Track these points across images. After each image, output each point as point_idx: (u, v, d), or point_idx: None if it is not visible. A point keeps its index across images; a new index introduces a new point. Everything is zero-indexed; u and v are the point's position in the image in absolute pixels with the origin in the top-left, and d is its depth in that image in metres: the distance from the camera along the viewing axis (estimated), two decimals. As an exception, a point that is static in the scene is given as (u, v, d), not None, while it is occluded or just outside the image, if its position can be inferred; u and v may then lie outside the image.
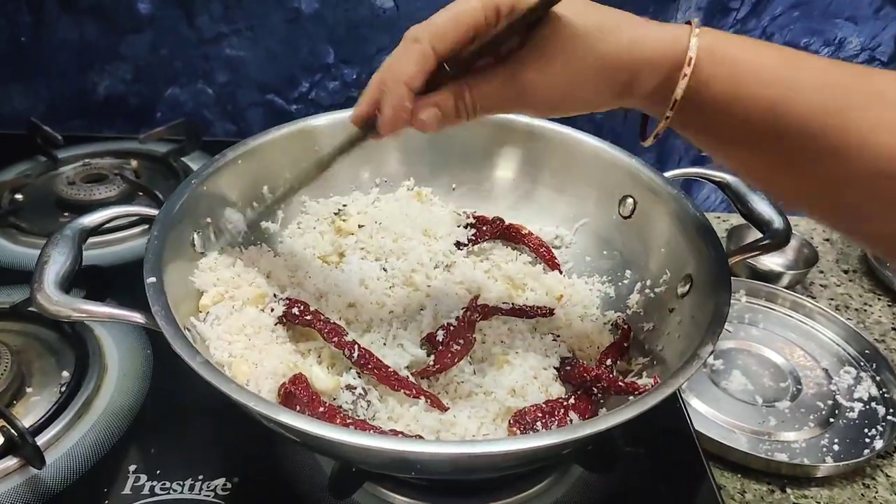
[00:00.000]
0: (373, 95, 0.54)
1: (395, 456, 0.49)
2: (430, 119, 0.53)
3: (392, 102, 0.52)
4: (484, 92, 0.53)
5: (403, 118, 0.53)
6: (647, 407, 0.49)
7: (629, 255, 0.81)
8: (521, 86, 0.52)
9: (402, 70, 0.51)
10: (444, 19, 0.50)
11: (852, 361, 0.99)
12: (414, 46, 0.50)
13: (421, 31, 0.50)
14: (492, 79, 0.52)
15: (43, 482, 0.66)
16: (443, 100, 0.52)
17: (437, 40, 0.50)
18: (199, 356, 0.51)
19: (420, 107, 0.52)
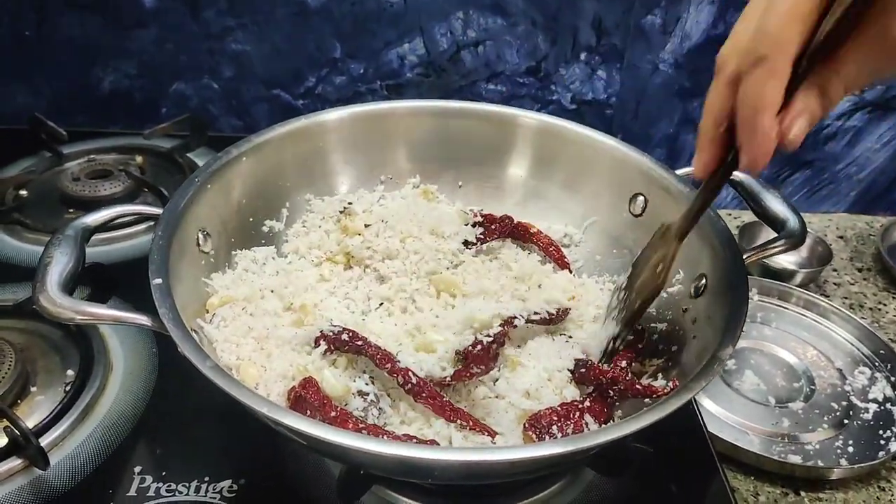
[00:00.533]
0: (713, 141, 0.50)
1: (410, 462, 0.48)
2: (800, 132, 0.47)
3: (760, 137, 0.46)
4: (853, 70, 0.46)
5: (772, 149, 0.47)
6: (666, 412, 0.48)
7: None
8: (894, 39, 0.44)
9: (759, 98, 0.45)
10: (780, 21, 0.44)
11: (867, 361, 0.98)
12: (763, 67, 0.44)
13: (761, 44, 0.44)
14: (856, 51, 0.45)
15: (47, 483, 0.66)
16: (807, 103, 0.46)
17: (785, 46, 0.44)
18: (209, 360, 0.50)
19: (788, 122, 0.46)
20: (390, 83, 1.24)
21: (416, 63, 1.22)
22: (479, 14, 1.16)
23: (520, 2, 1.14)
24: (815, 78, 0.46)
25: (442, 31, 1.18)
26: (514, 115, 0.88)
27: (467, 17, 1.16)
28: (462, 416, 0.61)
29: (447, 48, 1.20)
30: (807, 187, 1.30)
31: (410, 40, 1.19)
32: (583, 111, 1.25)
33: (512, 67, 1.21)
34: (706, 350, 0.57)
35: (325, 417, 0.57)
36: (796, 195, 1.31)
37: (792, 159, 1.27)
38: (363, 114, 0.87)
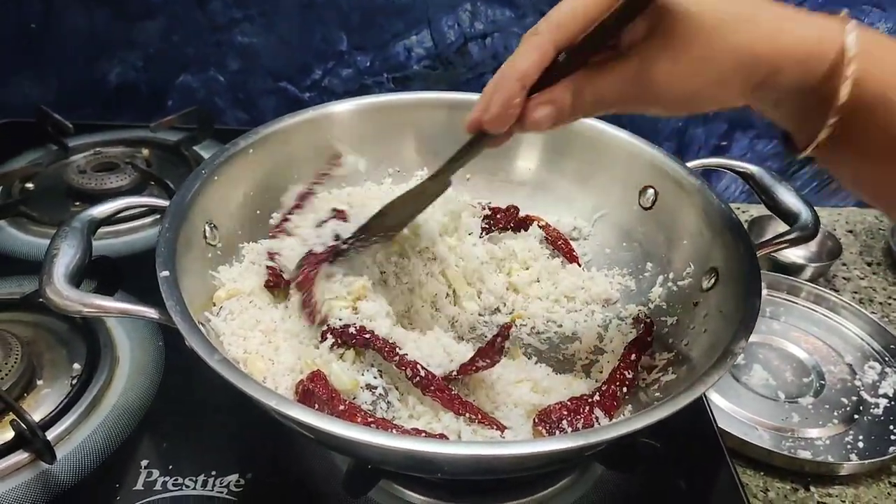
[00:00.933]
0: (486, 98, 0.51)
1: (419, 456, 0.47)
2: (543, 117, 0.50)
3: (501, 99, 0.49)
4: (605, 87, 0.49)
5: (511, 115, 0.50)
6: (678, 407, 0.48)
7: (650, 248, 0.80)
8: (648, 80, 0.48)
9: (515, 66, 0.48)
10: (564, 9, 0.47)
11: (877, 356, 0.97)
12: (531, 39, 0.48)
13: (541, 23, 0.48)
14: (614, 72, 0.49)
15: (54, 477, 0.65)
16: (558, 95, 0.49)
17: (556, 31, 0.47)
18: (217, 353, 0.50)
19: (533, 104, 0.49)
20: (397, 76, 1.23)
21: (423, 55, 1.21)
22: (486, 6, 1.15)
23: (528, -7, 1.14)
24: (574, 80, 0.49)
25: (449, 23, 1.17)
26: (524, 107, 0.87)
27: (475, 8, 1.16)
28: (471, 409, 0.60)
29: (455, 40, 1.19)
30: (816, 181, 1.29)
31: (417, 32, 1.18)
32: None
33: (519, 60, 1.21)
34: (717, 344, 0.56)
35: (334, 411, 0.57)
36: (805, 189, 1.30)
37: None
38: (371, 106, 0.86)
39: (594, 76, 0.49)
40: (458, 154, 0.59)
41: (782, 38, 0.46)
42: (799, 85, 0.47)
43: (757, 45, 0.46)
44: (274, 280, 0.69)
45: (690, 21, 0.46)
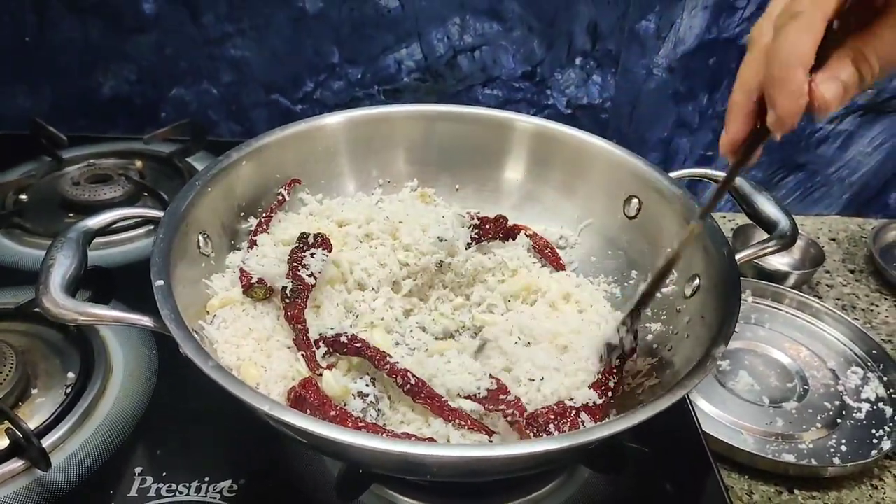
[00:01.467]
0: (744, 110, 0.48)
1: (409, 459, 0.49)
2: (833, 95, 0.45)
3: (789, 91, 0.44)
4: (886, 43, 0.44)
5: (803, 105, 0.45)
6: (660, 409, 0.50)
7: (635, 256, 0.82)
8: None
9: (792, 52, 0.43)
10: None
11: (859, 362, 0.99)
12: (799, 20, 0.43)
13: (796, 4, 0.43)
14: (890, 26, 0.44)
15: (49, 484, 0.66)
16: (841, 69, 0.45)
17: (820, 4, 0.43)
18: (211, 360, 0.51)
19: (820, 82, 0.44)
20: (388, 88, 1.25)
21: (413, 68, 1.23)
22: (475, 19, 1.17)
23: (516, 7, 1.16)
24: (849, 46, 0.45)
25: (439, 37, 1.19)
26: (511, 118, 0.89)
27: (464, 22, 1.18)
28: (460, 416, 0.62)
29: (444, 53, 1.21)
30: (800, 190, 1.32)
31: (408, 45, 1.20)
32: (578, 115, 1.26)
33: (508, 72, 1.23)
34: (699, 349, 0.58)
35: (325, 417, 0.58)
36: (789, 198, 1.33)
37: (785, 162, 1.28)
38: (362, 118, 0.88)
39: (871, 37, 0.45)
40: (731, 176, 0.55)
41: None
42: None
43: None
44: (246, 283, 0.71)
45: None
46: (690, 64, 1.19)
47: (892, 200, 1.33)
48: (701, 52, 1.18)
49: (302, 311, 0.68)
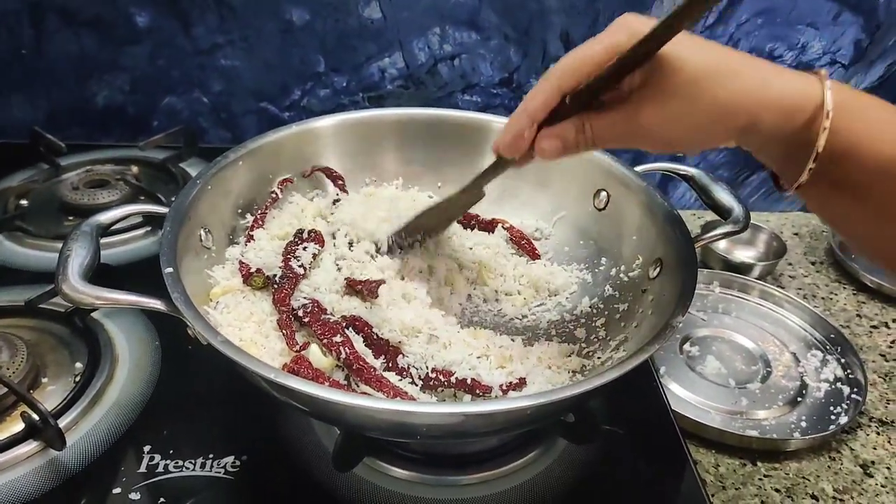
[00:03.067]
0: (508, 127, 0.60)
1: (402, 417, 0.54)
2: (549, 147, 0.58)
3: (512, 130, 0.59)
4: (603, 126, 0.56)
5: (521, 144, 0.59)
6: (626, 370, 0.55)
7: (604, 244, 0.87)
8: (638, 124, 0.54)
9: (527, 104, 0.57)
10: (570, 59, 0.55)
11: (819, 346, 1.05)
12: (542, 84, 0.56)
13: (552, 70, 0.56)
14: (611, 115, 0.56)
15: (63, 463, 0.71)
16: (564, 131, 0.57)
17: (563, 78, 0.55)
18: (220, 335, 0.56)
19: (542, 136, 0.58)
20: (372, 95, 1.30)
21: (395, 76, 1.28)
22: (454, 29, 1.23)
23: (492, 17, 1.21)
24: (579, 118, 0.57)
25: (420, 46, 1.25)
26: (488, 120, 0.94)
27: (443, 32, 1.23)
28: (385, 387, 0.65)
29: (425, 62, 1.26)
30: (764, 188, 1.38)
31: (390, 54, 1.25)
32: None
33: (486, 79, 1.28)
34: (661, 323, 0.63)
35: (320, 388, 0.63)
36: (754, 195, 1.39)
37: (749, 161, 1.34)
38: (351, 121, 0.93)
39: (595, 116, 0.56)
40: (486, 171, 0.70)
41: (766, 92, 0.51)
42: (780, 133, 0.52)
43: (738, 97, 0.51)
44: (246, 273, 0.76)
45: (681, 73, 0.51)
46: (658, 70, 1.25)
47: (850, 196, 1.40)
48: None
49: (288, 295, 0.72)
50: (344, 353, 0.67)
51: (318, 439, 0.74)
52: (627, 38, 0.52)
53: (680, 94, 0.52)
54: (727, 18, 1.20)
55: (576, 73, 0.55)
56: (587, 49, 0.54)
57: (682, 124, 0.53)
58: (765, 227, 1.28)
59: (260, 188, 0.86)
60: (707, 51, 0.52)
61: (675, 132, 0.54)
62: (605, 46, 0.53)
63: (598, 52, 0.53)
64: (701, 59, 0.51)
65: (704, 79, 0.51)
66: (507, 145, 0.60)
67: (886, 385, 1.00)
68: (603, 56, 0.53)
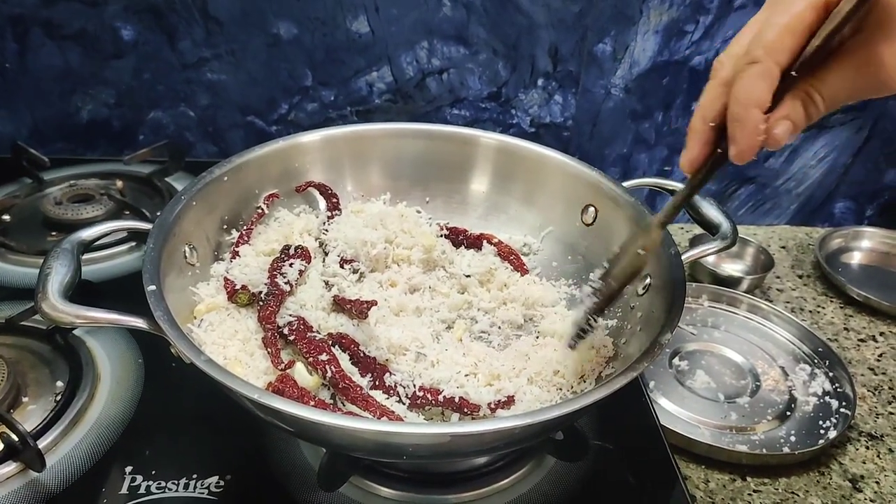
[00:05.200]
0: (702, 136, 0.54)
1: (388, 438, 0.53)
2: (784, 133, 0.51)
3: (747, 130, 0.51)
4: (835, 87, 0.51)
5: (758, 143, 0.51)
6: (614, 389, 0.55)
7: (592, 259, 0.87)
8: (877, 67, 0.49)
9: (750, 95, 0.50)
10: (776, 32, 0.49)
11: (807, 359, 1.05)
12: (754, 68, 0.49)
13: (757, 47, 0.49)
14: (842, 72, 0.50)
15: (43, 485, 0.69)
16: (792, 110, 0.51)
17: (777, 54, 0.49)
18: (203, 355, 0.55)
19: (773, 123, 0.51)
20: (360, 109, 1.30)
21: (384, 90, 1.28)
22: (442, 44, 1.23)
23: (481, 32, 1.22)
24: (801, 89, 0.51)
25: (408, 60, 1.25)
26: (476, 135, 0.94)
27: (432, 46, 1.23)
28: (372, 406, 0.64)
29: (413, 76, 1.26)
30: (751, 201, 1.39)
31: (378, 68, 1.25)
32: (541, 134, 1.32)
33: (474, 93, 1.28)
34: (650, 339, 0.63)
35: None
36: (742, 209, 1.40)
37: (736, 175, 1.35)
38: (338, 136, 0.92)
39: (819, 81, 0.51)
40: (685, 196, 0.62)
41: None
42: None
43: None
44: (231, 290, 0.75)
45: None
46: (645, 84, 1.26)
47: (836, 210, 1.41)
48: (655, 73, 1.25)
49: (273, 313, 0.72)
50: (330, 371, 0.66)
51: (304, 458, 0.72)
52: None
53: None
54: (713, 33, 1.21)
55: (791, 44, 0.49)
56: (790, 13, 0.48)
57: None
58: (752, 240, 1.29)
59: (246, 204, 0.85)
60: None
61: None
62: (811, 5, 0.48)
63: (805, 10, 0.48)
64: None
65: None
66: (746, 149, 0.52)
67: (875, 399, 1.00)
68: (811, 14, 0.48)
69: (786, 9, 0.49)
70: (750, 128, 0.50)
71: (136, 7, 1.18)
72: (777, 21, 0.49)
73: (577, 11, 1.19)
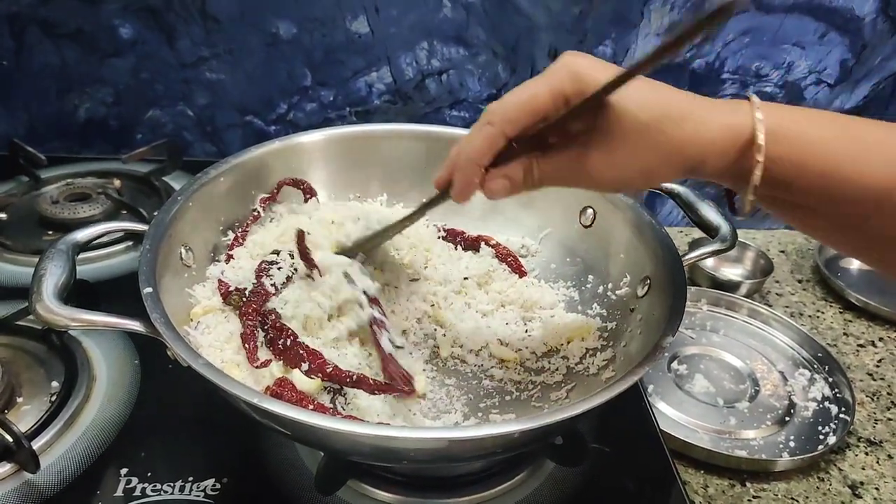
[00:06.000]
0: (449, 164, 0.60)
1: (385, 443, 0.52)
2: (498, 189, 0.58)
3: (462, 178, 0.58)
4: (550, 168, 0.57)
5: (472, 190, 0.59)
6: (615, 394, 0.54)
7: (591, 262, 0.86)
8: (586, 167, 0.55)
9: (473, 149, 0.56)
10: (514, 105, 0.54)
11: (806, 364, 1.05)
12: (486, 129, 0.55)
13: (494, 114, 0.55)
14: (558, 157, 0.56)
15: (36, 486, 0.68)
16: (512, 172, 0.57)
17: (507, 124, 0.55)
18: (201, 358, 0.54)
19: (491, 177, 0.58)
20: (359, 110, 1.29)
21: (383, 91, 1.27)
22: (442, 45, 1.23)
23: (481, 33, 1.21)
24: (525, 158, 0.57)
25: (407, 61, 1.24)
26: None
27: (431, 47, 1.23)
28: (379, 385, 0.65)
29: (413, 77, 1.26)
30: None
31: (378, 69, 1.25)
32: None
33: (474, 95, 1.28)
34: (650, 343, 0.63)
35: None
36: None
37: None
38: (337, 136, 0.92)
39: (542, 158, 0.57)
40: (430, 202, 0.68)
41: (704, 134, 0.51)
42: (722, 170, 0.53)
43: (683, 143, 0.51)
44: (224, 292, 0.74)
45: (629, 119, 0.51)
46: (645, 87, 1.26)
47: (836, 214, 1.41)
48: (655, 77, 1.24)
49: (255, 311, 0.71)
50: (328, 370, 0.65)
51: (302, 461, 0.72)
52: (571, 83, 0.52)
53: (629, 140, 0.52)
54: (714, 39, 1.20)
55: (520, 120, 0.54)
56: (530, 94, 0.54)
57: (630, 168, 0.54)
58: (751, 244, 1.28)
59: (242, 205, 0.85)
60: (655, 95, 0.52)
61: (623, 175, 0.55)
62: (550, 91, 0.53)
63: (543, 97, 0.53)
64: (649, 104, 0.51)
65: (654, 124, 0.51)
66: (461, 193, 0.59)
67: (874, 404, 1.00)
68: (548, 102, 0.53)
69: (533, 86, 0.54)
70: (466, 177, 0.58)
71: (135, 6, 1.18)
72: (518, 97, 0.54)
73: (577, 13, 1.19)
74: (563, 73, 0.53)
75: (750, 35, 1.20)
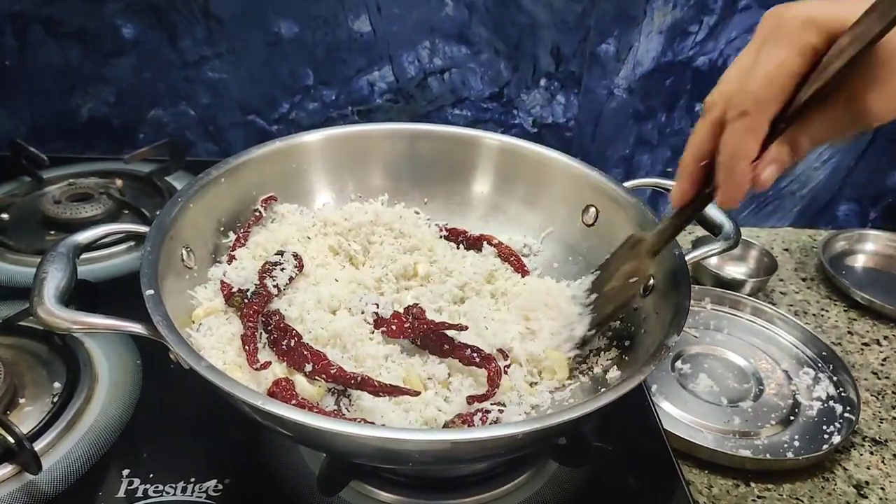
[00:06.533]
0: (692, 174, 0.56)
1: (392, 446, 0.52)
2: (771, 176, 0.52)
3: (735, 180, 0.52)
4: (821, 127, 0.51)
5: (746, 190, 0.52)
6: (619, 394, 0.54)
7: (594, 260, 0.85)
8: (862, 109, 0.49)
9: (738, 148, 0.50)
10: (765, 83, 0.49)
11: (811, 363, 1.04)
12: (744, 121, 0.50)
13: (742, 102, 0.49)
14: (825, 112, 0.51)
15: (38, 488, 0.68)
16: (779, 154, 0.52)
17: (764, 107, 0.49)
18: (204, 361, 0.54)
19: (761, 170, 0.52)
20: (361, 109, 1.29)
21: (385, 89, 1.27)
22: (444, 43, 1.22)
23: (483, 31, 1.21)
24: (790, 133, 0.51)
25: (410, 60, 1.24)
26: (478, 136, 0.93)
27: (433, 46, 1.22)
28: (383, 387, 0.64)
29: (415, 75, 1.26)
30: (754, 203, 1.38)
31: (380, 68, 1.25)
32: (544, 134, 1.31)
33: (476, 93, 1.28)
34: (655, 342, 0.62)
35: (305, 413, 0.61)
36: (745, 210, 1.39)
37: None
38: (338, 136, 0.92)
39: (805, 124, 0.51)
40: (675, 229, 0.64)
41: None
42: None
43: None
44: (227, 293, 0.74)
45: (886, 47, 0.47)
46: (648, 85, 1.25)
47: (839, 212, 1.40)
48: (658, 74, 1.24)
49: (257, 312, 0.70)
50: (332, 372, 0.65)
51: (304, 462, 0.72)
52: (815, 33, 0.47)
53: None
54: (717, 35, 1.20)
55: (779, 96, 0.49)
56: (776, 63, 0.48)
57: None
58: (755, 242, 1.28)
59: (243, 206, 0.84)
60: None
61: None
62: (798, 50, 0.48)
63: (792, 60, 0.48)
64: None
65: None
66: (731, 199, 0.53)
67: (879, 403, 0.99)
68: (800, 63, 0.48)
69: (773, 54, 0.49)
70: (737, 178, 0.51)
71: (137, 5, 1.18)
72: (763, 69, 0.49)
73: (579, 11, 1.18)
74: (793, 26, 0.48)
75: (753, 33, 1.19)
